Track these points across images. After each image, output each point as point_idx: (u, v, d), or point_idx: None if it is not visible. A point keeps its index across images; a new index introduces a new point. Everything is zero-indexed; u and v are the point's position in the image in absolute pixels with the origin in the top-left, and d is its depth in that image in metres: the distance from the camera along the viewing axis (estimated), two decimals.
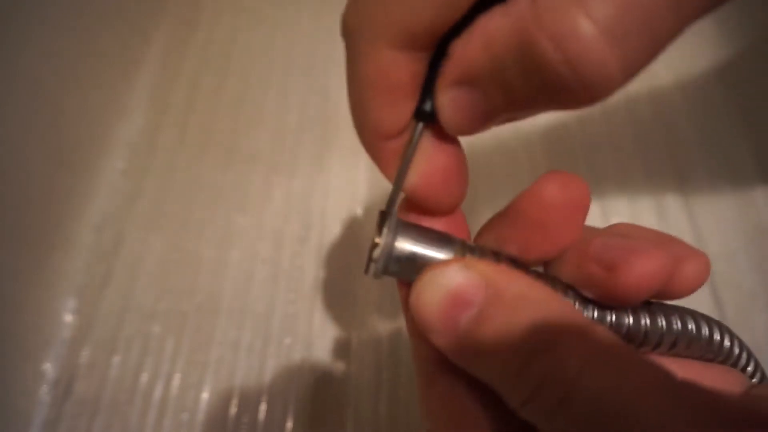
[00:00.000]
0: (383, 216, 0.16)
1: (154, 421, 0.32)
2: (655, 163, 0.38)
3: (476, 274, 0.14)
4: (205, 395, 0.32)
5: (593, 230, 0.16)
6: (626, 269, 0.14)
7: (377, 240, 0.15)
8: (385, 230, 0.15)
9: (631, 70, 0.11)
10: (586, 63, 0.11)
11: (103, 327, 0.35)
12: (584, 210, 0.15)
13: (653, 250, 0.14)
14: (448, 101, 0.14)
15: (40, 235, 0.34)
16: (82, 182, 0.39)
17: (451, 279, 0.14)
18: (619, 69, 0.11)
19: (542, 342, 0.13)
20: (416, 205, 0.16)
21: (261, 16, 0.49)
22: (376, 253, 0.15)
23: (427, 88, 0.14)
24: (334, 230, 0.38)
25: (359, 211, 0.38)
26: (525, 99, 0.13)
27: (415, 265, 0.15)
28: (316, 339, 0.34)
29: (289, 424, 0.31)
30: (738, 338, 0.17)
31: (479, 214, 0.17)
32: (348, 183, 0.39)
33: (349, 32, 0.14)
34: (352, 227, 0.38)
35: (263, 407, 0.32)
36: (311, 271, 0.36)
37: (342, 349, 0.33)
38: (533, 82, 0.12)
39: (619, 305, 0.15)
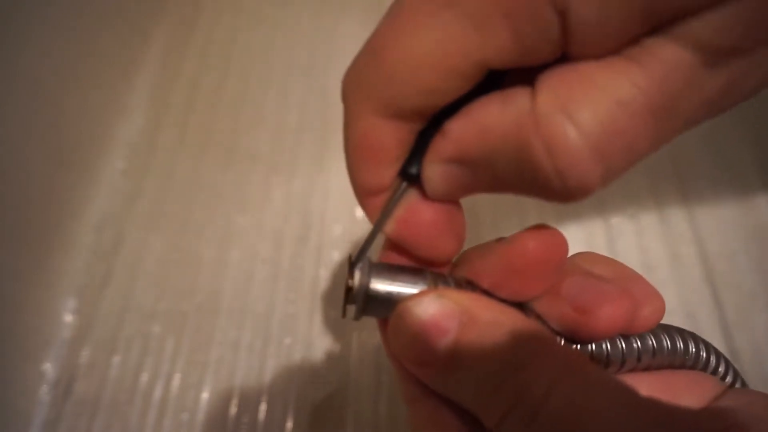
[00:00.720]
0: (353, 263, 0.16)
1: (154, 421, 0.32)
2: (656, 163, 0.38)
3: (450, 302, 0.15)
4: (205, 395, 0.32)
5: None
6: (597, 314, 0.15)
7: (350, 283, 0.16)
8: (358, 273, 0.16)
9: (608, 181, 0.13)
10: (572, 174, 0.12)
11: (103, 327, 0.35)
12: (562, 264, 0.16)
13: (621, 297, 0.16)
14: (437, 174, 0.15)
15: (40, 235, 0.34)
16: (82, 182, 0.39)
17: (425, 309, 0.15)
18: (599, 180, 0.12)
19: (514, 362, 0.13)
20: (398, 248, 0.17)
21: (261, 16, 0.49)
22: (352, 296, 0.16)
23: (416, 153, 0.15)
24: (334, 230, 0.38)
25: (359, 211, 0.38)
26: (510, 186, 0.14)
27: (391, 303, 0.16)
28: (316, 339, 0.34)
29: (289, 424, 0.31)
30: (704, 341, 0.18)
31: (479, 214, 0.17)
32: (348, 183, 0.39)
33: (344, 94, 0.15)
34: (352, 227, 0.38)
35: (263, 407, 0.32)
36: (311, 271, 0.36)
37: (342, 349, 0.33)
38: (521, 176, 0.13)
39: (584, 341, 0.16)
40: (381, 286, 0.16)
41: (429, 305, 0.15)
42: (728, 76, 0.12)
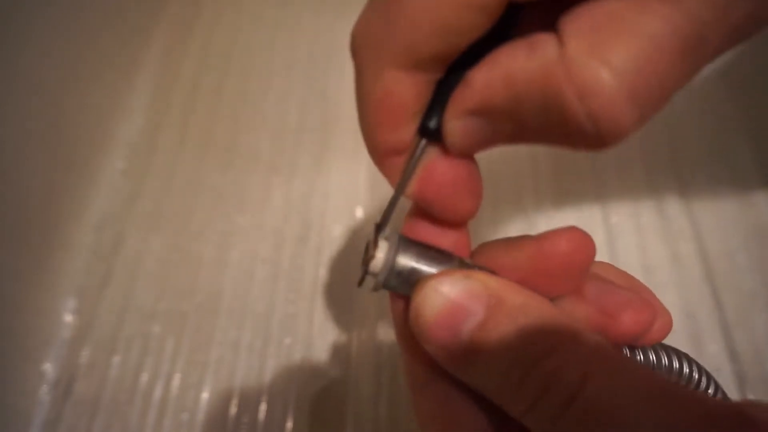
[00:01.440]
0: (378, 229, 0.16)
1: (154, 421, 0.32)
2: (656, 163, 0.38)
3: (478, 283, 0.14)
4: (205, 395, 0.32)
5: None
6: (622, 318, 0.15)
7: (375, 253, 0.15)
8: (384, 244, 0.15)
9: (642, 124, 0.12)
10: (606, 119, 0.12)
11: (103, 327, 0.35)
12: (588, 266, 0.16)
13: (644, 305, 0.16)
14: (459, 127, 0.14)
15: (40, 235, 0.34)
16: (82, 182, 0.39)
17: (453, 288, 0.14)
18: (633, 124, 0.12)
19: (545, 348, 0.13)
20: (422, 212, 0.16)
21: (261, 16, 0.49)
22: (376, 266, 0.15)
23: (434, 106, 0.14)
24: (334, 230, 0.38)
25: (359, 211, 0.38)
26: (537, 136, 0.13)
27: (414, 280, 0.15)
28: (316, 339, 0.34)
29: (289, 424, 0.31)
30: (697, 364, 0.18)
31: (479, 213, 0.17)
32: (348, 183, 0.39)
33: (355, 49, 0.14)
34: (352, 227, 0.38)
35: (263, 407, 0.32)
36: (311, 271, 0.36)
37: (342, 349, 0.33)
38: (551, 125, 0.12)
39: None
40: (407, 261, 0.15)
41: (456, 284, 0.14)
42: (755, 3, 0.11)
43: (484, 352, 0.13)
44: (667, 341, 0.18)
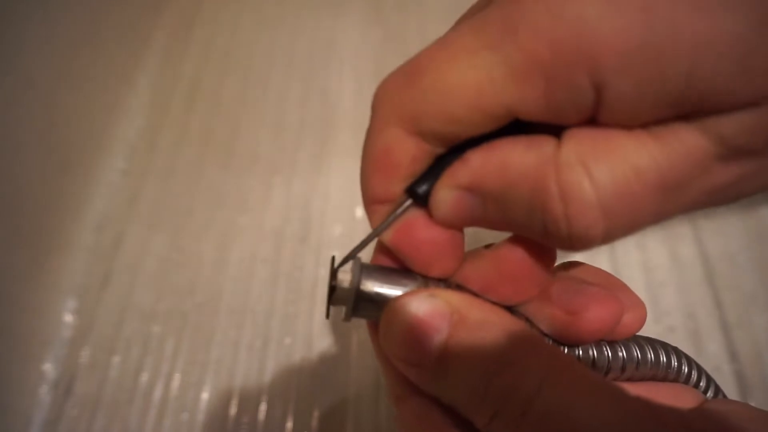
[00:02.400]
0: (334, 261, 0.17)
1: (154, 421, 0.32)
2: None
3: (441, 301, 0.15)
4: (205, 395, 0.32)
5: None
6: (585, 315, 0.16)
7: (335, 283, 0.16)
8: (348, 274, 0.16)
9: (607, 240, 0.13)
10: (579, 225, 0.13)
11: (103, 327, 0.35)
12: (549, 269, 0.16)
13: (608, 299, 0.16)
14: (448, 199, 0.15)
15: (40, 236, 0.34)
16: (82, 182, 0.39)
17: (418, 307, 0.15)
18: (600, 236, 0.13)
19: (503, 361, 0.14)
20: (393, 257, 0.17)
21: (261, 16, 0.49)
22: (341, 296, 0.16)
23: (427, 175, 0.15)
24: (334, 230, 0.38)
25: (359, 211, 0.38)
26: (515, 225, 0.14)
27: (381, 304, 0.16)
28: (316, 339, 0.34)
29: (289, 424, 0.31)
30: (686, 356, 0.18)
31: None
32: (348, 183, 0.39)
33: (376, 101, 0.15)
34: (352, 227, 0.38)
35: (263, 407, 0.32)
36: (311, 271, 0.36)
37: (342, 349, 0.33)
38: (530, 217, 0.13)
39: (572, 344, 0.17)
40: (371, 286, 0.16)
41: (421, 303, 0.15)
42: (739, 171, 0.13)
43: (450, 367, 0.14)
44: (666, 340, 0.18)
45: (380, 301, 0.16)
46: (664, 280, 0.34)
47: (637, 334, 0.18)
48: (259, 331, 0.34)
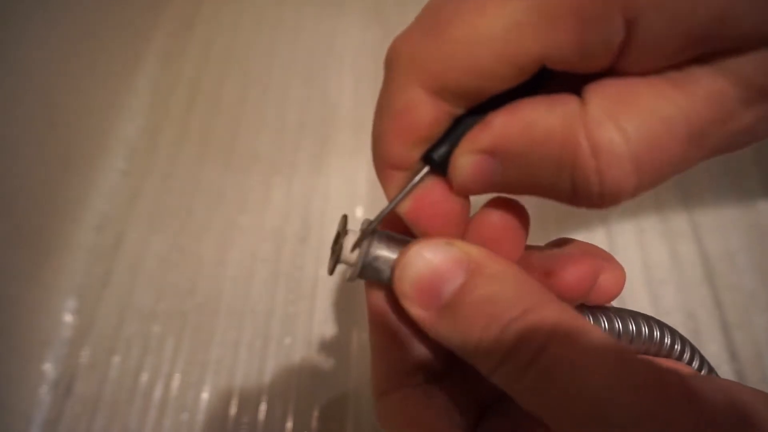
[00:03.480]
0: (346, 219, 0.17)
1: (154, 421, 0.32)
2: None
3: (459, 250, 0.15)
4: (205, 395, 0.32)
5: (536, 247, 0.19)
6: (562, 274, 0.17)
7: (346, 242, 0.17)
8: (356, 237, 0.17)
9: (638, 192, 0.13)
10: (611, 178, 0.13)
11: (103, 327, 0.35)
12: (525, 229, 0.17)
13: (582, 258, 0.17)
14: (468, 164, 0.15)
15: (40, 236, 0.34)
16: (82, 182, 0.39)
17: (436, 253, 0.15)
18: (632, 189, 0.13)
19: (517, 309, 0.14)
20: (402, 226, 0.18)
21: (261, 16, 0.49)
22: (350, 257, 0.17)
23: (444, 140, 0.15)
24: (334, 230, 0.37)
25: (359, 210, 0.38)
26: (539, 186, 0.14)
27: (387, 268, 0.16)
28: (316, 339, 0.34)
29: (289, 424, 0.31)
30: (680, 336, 0.18)
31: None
32: (348, 183, 0.39)
33: (393, 59, 0.15)
34: (352, 227, 0.38)
35: (263, 407, 0.32)
36: (311, 271, 0.36)
37: (342, 349, 0.33)
38: (558, 176, 0.13)
39: None
40: (381, 251, 0.16)
41: (439, 250, 0.15)
42: (758, 113, 0.13)
43: (463, 312, 0.15)
44: None
45: (387, 264, 0.16)
46: (663, 279, 0.34)
47: (636, 310, 0.18)
48: (259, 331, 0.34)
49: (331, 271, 0.17)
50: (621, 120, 0.13)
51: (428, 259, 0.15)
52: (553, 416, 0.13)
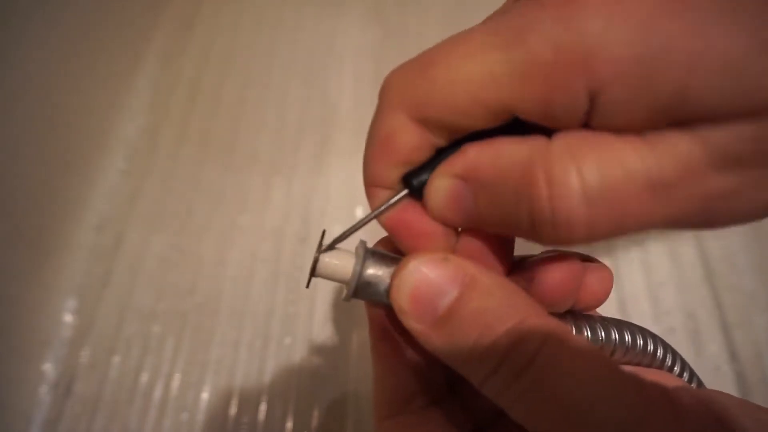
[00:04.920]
0: (323, 235, 0.18)
1: (154, 421, 0.32)
2: None
3: (454, 265, 0.16)
4: (205, 395, 0.32)
5: (521, 256, 0.19)
6: (544, 278, 0.17)
7: (316, 256, 0.17)
8: (341, 253, 0.17)
9: (590, 239, 0.14)
10: (562, 214, 0.13)
11: (103, 327, 0.35)
12: (512, 243, 0.18)
13: (564, 261, 0.17)
14: (442, 187, 0.16)
15: (40, 236, 0.34)
16: (83, 182, 0.39)
17: (431, 267, 0.16)
18: (582, 233, 0.14)
19: (510, 320, 0.15)
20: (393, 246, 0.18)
21: (261, 16, 0.49)
22: (346, 277, 0.17)
23: (425, 167, 0.16)
24: (334, 230, 0.37)
25: (359, 210, 0.38)
26: (504, 219, 0.15)
27: (380, 287, 0.17)
28: (316, 339, 0.34)
29: (289, 424, 0.31)
30: (672, 349, 0.19)
31: None
32: (348, 183, 0.39)
33: (384, 88, 0.16)
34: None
35: (263, 407, 0.32)
36: None
37: (342, 349, 0.33)
38: (516, 206, 0.14)
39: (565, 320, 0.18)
40: (373, 269, 0.17)
41: (436, 264, 0.16)
42: (737, 180, 0.13)
43: (458, 324, 0.15)
44: (667, 340, 0.19)
45: (380, 284, 0.17)
46: (664, 280, 0.34)
47: (632, 322, 0.19)
48: (259, 331, 0.34)
49: (308, 285, 0.18)
50: (579, 157, 0.13)
51: (424, 273, 0.16)
52: (541, 424, 0.14)
